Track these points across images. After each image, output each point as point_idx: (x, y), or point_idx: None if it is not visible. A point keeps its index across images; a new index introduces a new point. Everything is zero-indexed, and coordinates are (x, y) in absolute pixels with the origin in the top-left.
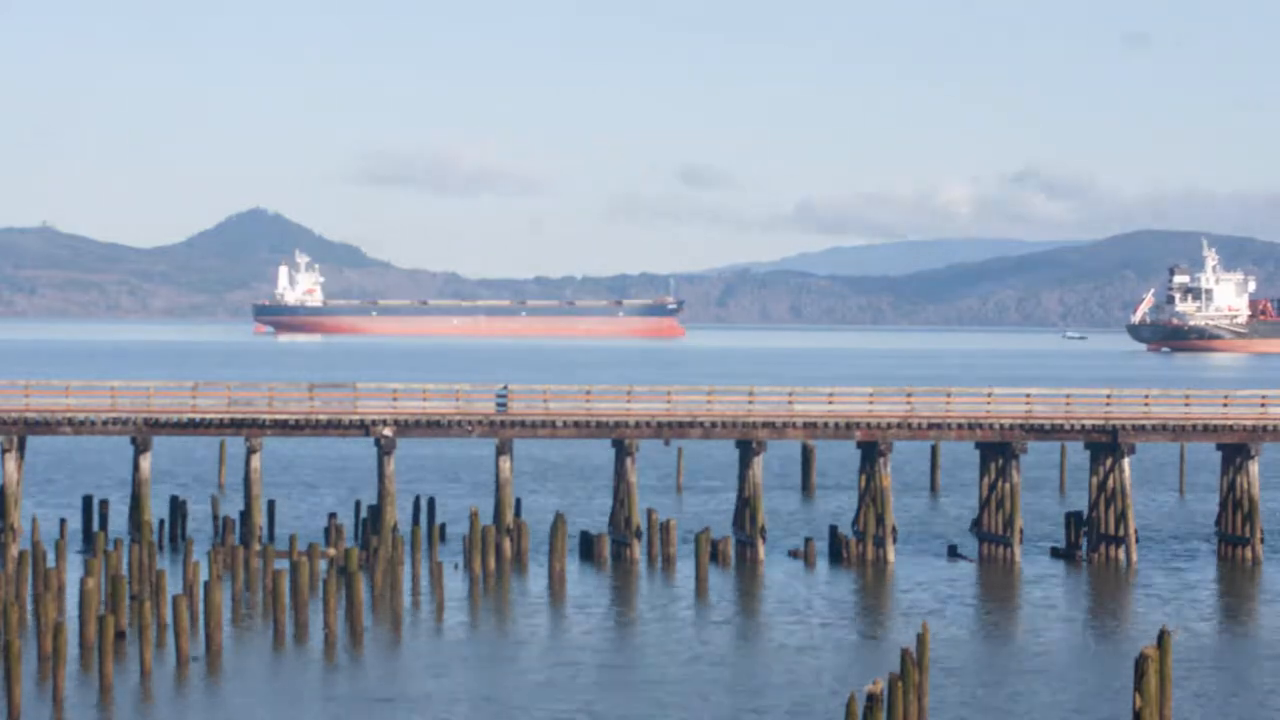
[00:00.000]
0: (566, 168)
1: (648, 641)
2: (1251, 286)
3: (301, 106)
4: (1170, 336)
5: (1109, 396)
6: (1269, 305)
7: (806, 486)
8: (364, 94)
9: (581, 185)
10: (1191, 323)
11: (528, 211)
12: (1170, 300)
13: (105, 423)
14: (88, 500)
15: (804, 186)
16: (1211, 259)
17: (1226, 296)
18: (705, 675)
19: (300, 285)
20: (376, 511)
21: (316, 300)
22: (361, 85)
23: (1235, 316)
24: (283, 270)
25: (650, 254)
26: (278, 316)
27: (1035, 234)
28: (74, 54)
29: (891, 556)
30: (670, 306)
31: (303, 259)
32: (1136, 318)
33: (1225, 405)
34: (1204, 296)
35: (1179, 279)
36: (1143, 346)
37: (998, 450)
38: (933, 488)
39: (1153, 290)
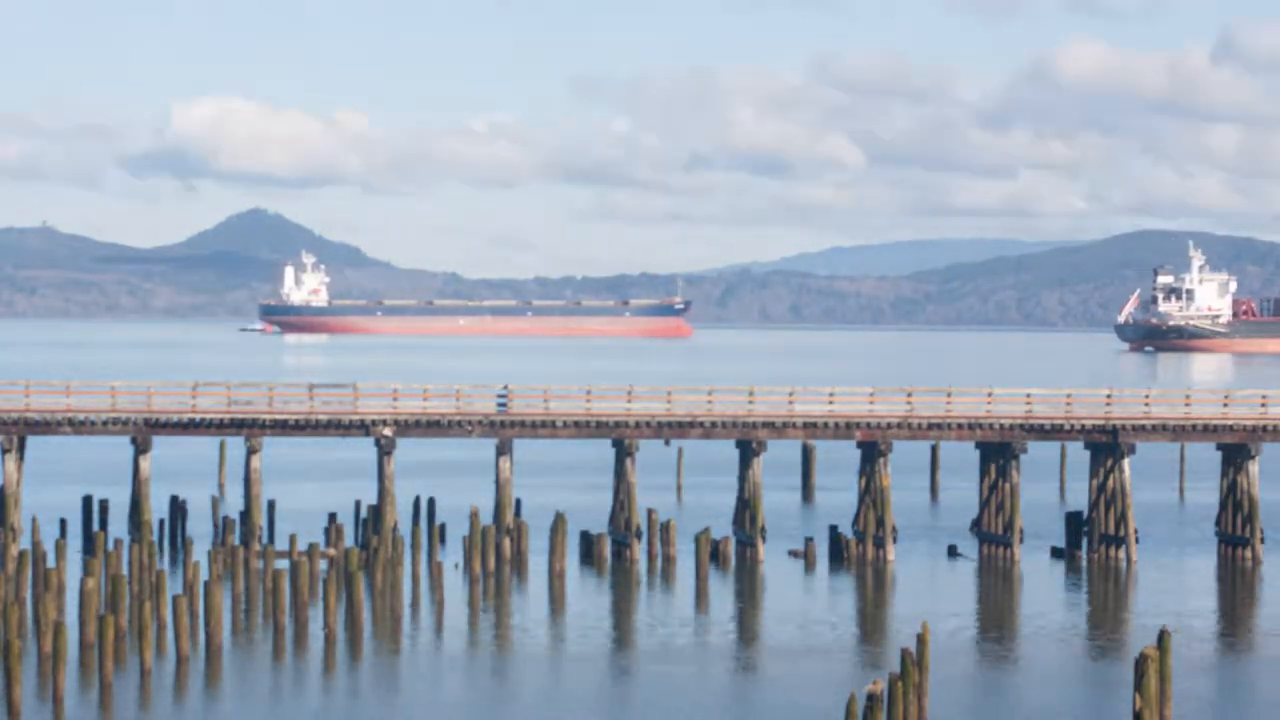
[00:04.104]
0: (567, 166)
1: (647, 641)
2: (1233, 287)
3: (302, 106)
4: (1152, 336)
5: (1109, 396)
6: (1252, 305)
7: (806, 486)
8: (362, 93)
9: (581, 184)
10: (1172, 322)
11: (528, 210)
12: (1154, 300)
13: (105, 423)
14: (88, 500)
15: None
16: (1198, 259)
17: (1209, 297)
18: (706, 675)
19: (306, 285)
20: (376, 511)
21: (322, 300)
22: (361, 84)
23: (1217, 316)
24: (289, 270)
25: (651, 253)
26: (284, 316)
27: (1035, 234)
28: (72, 52)
29: (891, 556)
30: (677, 306)
31: (309, 259)
32: (1122, 317)
33: (1225, 405)
34: (1186, 296)
35: (1163, 279)
36: (1126, 345)
37: (998, 450)
38: (933, 488)
39: (1138, 290)
